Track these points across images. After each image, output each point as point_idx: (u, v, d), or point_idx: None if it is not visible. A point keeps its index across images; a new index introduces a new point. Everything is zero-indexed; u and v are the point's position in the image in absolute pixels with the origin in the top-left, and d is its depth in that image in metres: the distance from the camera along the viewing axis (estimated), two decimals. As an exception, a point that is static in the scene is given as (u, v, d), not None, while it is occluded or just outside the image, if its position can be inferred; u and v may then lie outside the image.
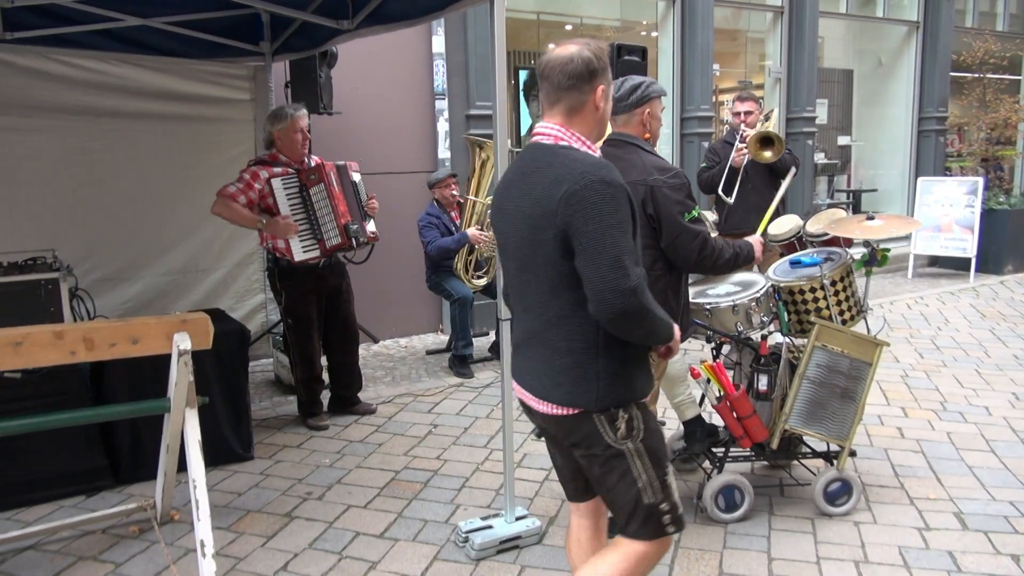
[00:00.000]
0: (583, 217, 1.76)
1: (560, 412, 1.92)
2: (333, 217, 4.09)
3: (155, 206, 4.97)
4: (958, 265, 8.92)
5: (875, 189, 10.29)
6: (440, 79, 6.16)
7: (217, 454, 3.74)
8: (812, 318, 3.21)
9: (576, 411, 1.90)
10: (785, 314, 3.25)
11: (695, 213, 2.76)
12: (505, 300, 2.21)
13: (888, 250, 3.31)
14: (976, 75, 9.53)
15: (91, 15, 4.11)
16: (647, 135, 2.85)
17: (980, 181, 8.75)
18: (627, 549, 1.99)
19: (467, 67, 6.26)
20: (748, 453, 3.32)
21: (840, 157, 10.38)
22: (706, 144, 7.70)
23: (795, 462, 3.59)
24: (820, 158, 9.85)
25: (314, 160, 4.26)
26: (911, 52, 9.80)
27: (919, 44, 9.74)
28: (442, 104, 6.18)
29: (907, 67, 9.86)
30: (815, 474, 3.42)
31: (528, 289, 1.92)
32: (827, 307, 3.24)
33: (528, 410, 2.06)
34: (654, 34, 8.04)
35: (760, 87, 9.03)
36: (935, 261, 9.27)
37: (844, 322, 3.26)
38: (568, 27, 8.83)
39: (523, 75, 7.13)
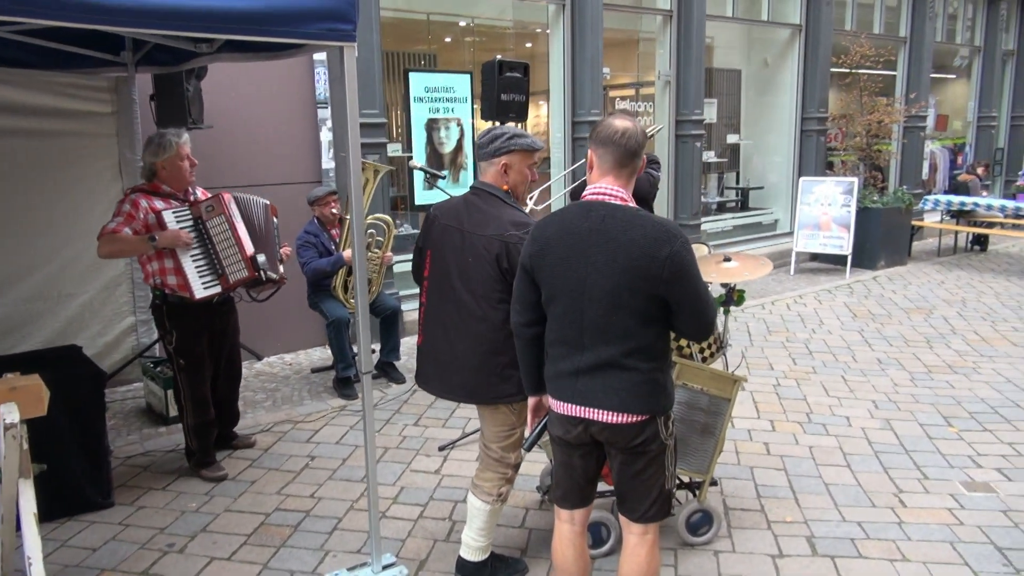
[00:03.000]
0: (684, 271, 2.23)
1: (635, 419, 2.32)
2: (237, 249, 3.82)
3: (10, 229, 4.64)
4: (836, 260, 9.39)
5: (762, 186, 10.69)
6: (322, 87, 5.97)
7: (72, 505, 3.56)
8: (674, 357, 3.29)
9: (647, 417, 2.34)
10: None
11: None
12: (562, 340, 2.39)
13: (744, 291, 3.42)
14: (855, 70, 9.97)
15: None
16: (505, 187, 2.82)
17: (856, 181, 9.20)
18: (651, 535, 2.50)
19: (351, 74, 6.07)
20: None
21: (729, 155, 10.72)
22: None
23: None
24: (710, 156, 10.15)
25: (200, 191, 4.01)
26: (794, 54, 10.17)
27: (802, 46, 10.11)
28: (325, 113, 6.00)
29: (791, 68, 10.23)
30: (679, 504, 3.53)
31: (613, 326, 2.28)
32: (688, 345, 3.33)
33: (574, 425, 2.39)
34: (548, 31, 8.04)
35: (651, 85, 9.20)
36: (815, 256, 9.72)
37: (704, 359, 3.36)
38: (462, 23, 8.74)
39: (413, 78, 7.00)
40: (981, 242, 11.00)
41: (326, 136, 6.03)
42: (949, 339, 6.57)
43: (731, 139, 10.67)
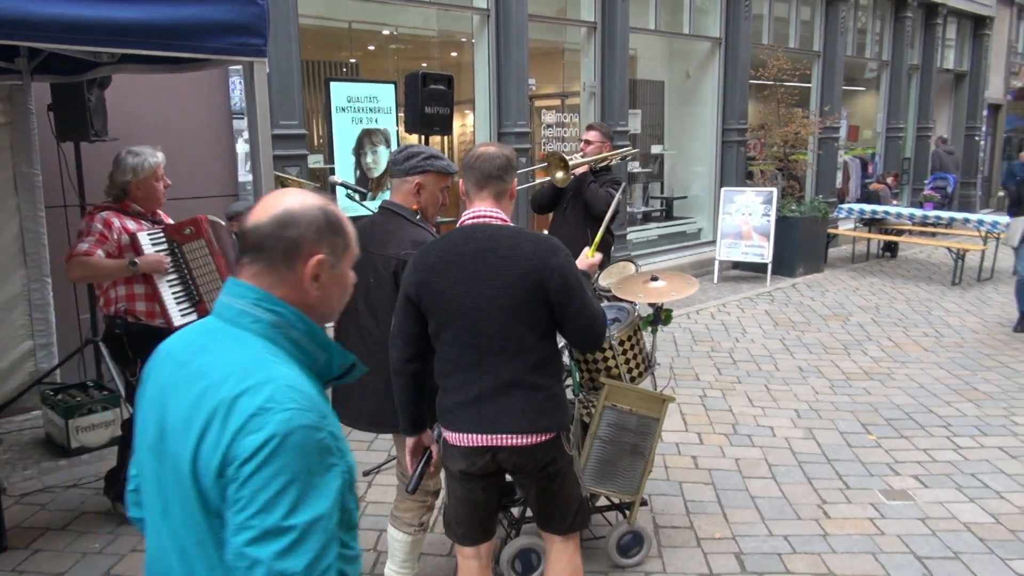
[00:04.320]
0: (571, 277, 2.31)
1: (543, 439, 2.35)
2: (218, 275, 3.59)
3: None
4: (757, 268, 9.61)
5: (685, 196, 10.87)
6: (238, 96, 5.74)
7: (-41, 552, 3.27)
8: (602, 378, 3.25)
9: (553, 435, 2.37)
10: (577, 373, 3.27)
11: None
12: (458, 367, 2.36)
13: (671, 310, 3.41)
14: (773, 82, 10.25)
15: None
16: (416, 206, 2.75)
17: (775, 191, 9.45)
18: (573, 545, 2.56)
19: (268, 82, 5.84)
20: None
21: (653, 165, 10.86)
22: (524, 160, 7.76)
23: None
24: (634, 167, 10.25)
25: (160, 214, 3.75)
26: (715, 66, 10.38)
27: (722, 59, 10.33)
28: (241, 123, 5.76)
29: (712, 80, 10.44)
30: (611, 525, 3.49)
31: (512, 341, 2.30)
32: (616, 366, 3.29)
33: (480, 455, 2.35)
34: (474, 41, 7.96)
35: (576, 96, 9.23)
36: (737, 265, 9.93)
37: (633, 379, 3.33)
38: (385, 32, 8.58)
39: (334, 87, 6.81)
40: (892, 249, 11.47)
41: (243, 148, 5.79)
42: (865, 345, 6.78)
43: (655, 149, 10.81)
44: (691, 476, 4.23)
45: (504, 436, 2.33)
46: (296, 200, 1.34)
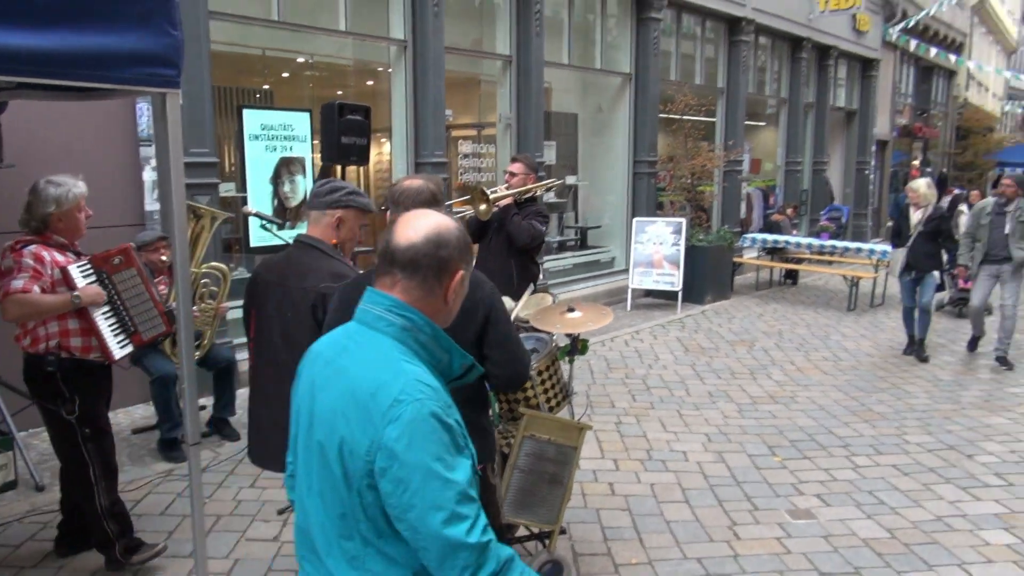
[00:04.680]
0: (497, 310, 2.36)
1: None
2: (152, 304, 3.55)
3: None
4: (668, 296, 9.91)
5: (599, 226, 11.13)
6: (145, 122, 5.56)
7: None
8: (521, 408, 3.28)
9: (481, 467, 2.41)
10: (496, 404, 3.29)
11: None
12: None
13: (587, 340, 3.49)
14: (681, 116, 10.69)
15: None
16: (334, 240, 2.76)
17: (684, 222, 9.80)
18: None
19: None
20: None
21: (567, 195, 11.09)
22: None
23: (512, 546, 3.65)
24: (550, 197, 10.43)
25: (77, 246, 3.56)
26: (626, 100, 10.73)
27: (632, 93, 10.70)
28: (148, 151, 5.59)
29: (623, 114, 10.79)
30: (531, 555, 3.51)
31: None
32: (535, 396, 3.33)
33: None
34: (390, 70, 7.98)
35: (492, 126, 9.36)
36: (649, 293, 10.21)
37: (551, 409, 3.38)
38: (300, 59, 8.51)
39: (247, 114, 6.70)
40: (793, 276, 12.05)
41: (150, 176, 5.61)
42: (770, 370, 7.07)
43: (569, 180, 11.04)
44: (608, 503, 4.30)
45: None
46: (440, 220, 1.53)
